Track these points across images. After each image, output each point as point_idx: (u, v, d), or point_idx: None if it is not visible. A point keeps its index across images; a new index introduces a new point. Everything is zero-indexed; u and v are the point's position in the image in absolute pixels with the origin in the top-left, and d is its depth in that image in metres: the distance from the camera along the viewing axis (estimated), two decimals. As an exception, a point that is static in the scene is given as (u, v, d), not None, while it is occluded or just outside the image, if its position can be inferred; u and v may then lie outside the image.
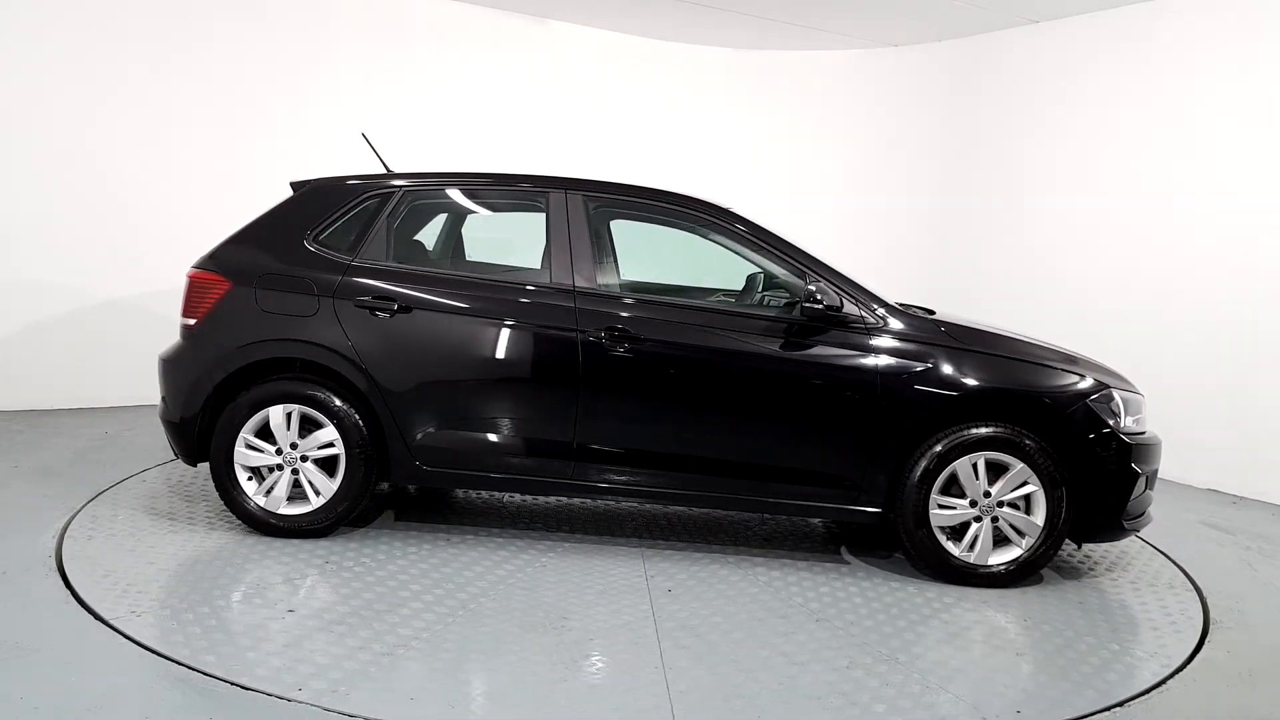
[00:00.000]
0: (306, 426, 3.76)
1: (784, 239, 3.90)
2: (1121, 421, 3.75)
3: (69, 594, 3.18)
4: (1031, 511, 3.72)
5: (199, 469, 4.51)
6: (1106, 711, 2.81)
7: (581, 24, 7.67)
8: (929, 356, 3.72)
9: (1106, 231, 6.28)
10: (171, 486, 4.47)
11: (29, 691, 2.52)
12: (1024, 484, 3.69)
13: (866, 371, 3.69)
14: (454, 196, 4.28)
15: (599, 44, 7.81)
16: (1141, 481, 3.75)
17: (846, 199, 7.97)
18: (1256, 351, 5.53)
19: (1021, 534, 3.73)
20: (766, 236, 3.88)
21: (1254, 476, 5.61)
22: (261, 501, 3.77)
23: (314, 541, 3.78)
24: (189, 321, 3.86)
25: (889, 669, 3.01)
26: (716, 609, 3.40)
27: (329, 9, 6.74)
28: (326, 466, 3.77)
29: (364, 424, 3.74)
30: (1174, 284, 5.90)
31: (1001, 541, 3.75)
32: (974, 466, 3.68)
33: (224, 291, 3.80)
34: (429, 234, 4.46)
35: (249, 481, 3.78)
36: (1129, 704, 2.86)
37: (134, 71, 6.08)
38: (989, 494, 3.70)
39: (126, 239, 6.15)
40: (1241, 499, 5.60)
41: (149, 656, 2.78)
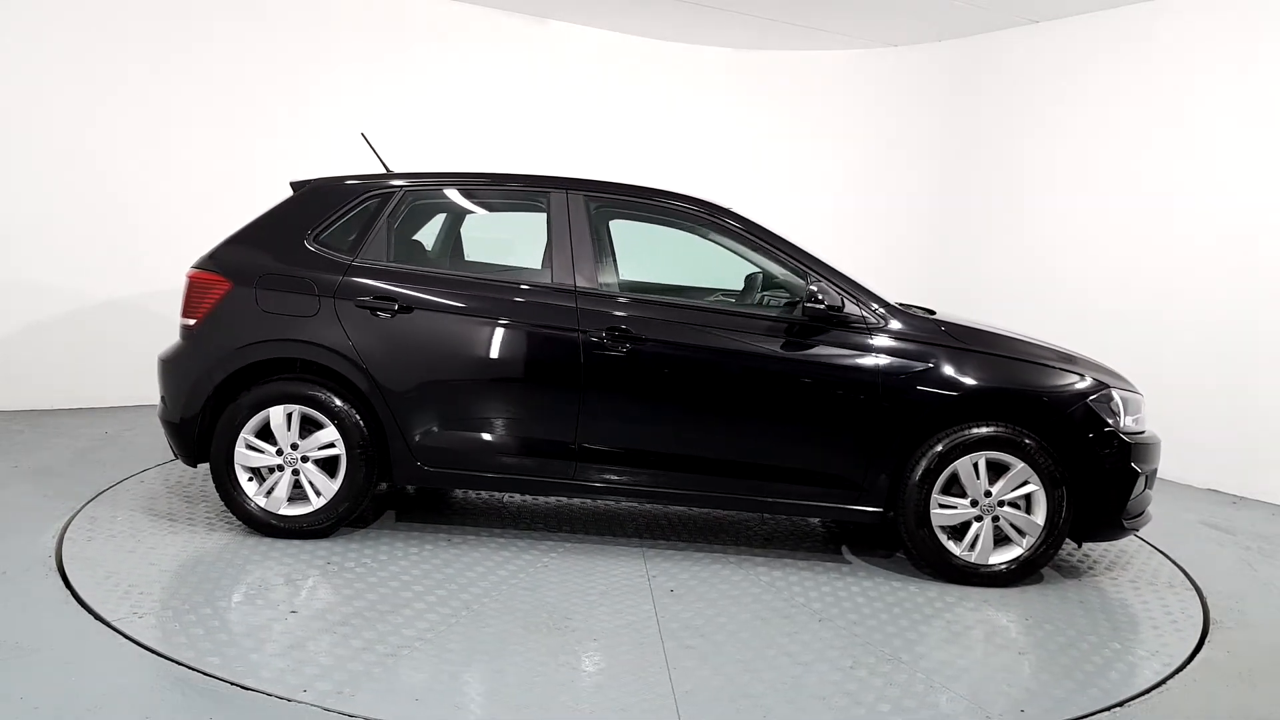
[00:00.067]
0: (307, 427, 3.75)
1: (785, 239, 3.90)
2: (1121, 421, 3.76)
3: (69, 594, 3.18)
4: (1032, 511, 3.72)
5: (198, 469, 4.51)
6: (1107, 711, 2.81)
7: (581, 24, 7.67)
8: (930, 356, 3.72)
9: (1106, 231, 6.28)
10: (171, 487, 4.46)
11: (29, 691, 2.52)
12: (1024, 483, 3.69)
13: (868, 371, 3.70)
14: (455, 196, 4.27)
15: (599, 44, 7.81)
16: (1141, 481, 3.76)
17: (846, 199, 7.97)
18: (1256, 351, 5.54)
19: (1022, 533, 3.74)
20: (767, 236, 3.89)
21: (1254, 476, 5.61)
22: (262, 502, 3.77)
23: (315, 542, 3.78)
24: (189, 322, 3.85)
25: (893, 668, 3.01)
26: (720, 609, 3.40)
27: (329, 9, 6.74)
28: (327, 467, 3.77)
29: (365, 424, 3.73)
30: (1174, 284, 5.90)
31: (1002, 541, 3.76)
32: (975, 466, 3.69)
33: (224, 292, 3.79)
34: (429, 234, 4.46)
35: (249, 482, 3.77)
36: (1129, 704, 2.86)
37: (134, 71, 6.08)
38: (990, 493, 3.70)
39: (126, 239, 6.15)
40: (1241, 499, 5.60)
41: (149, 656, 2.78)
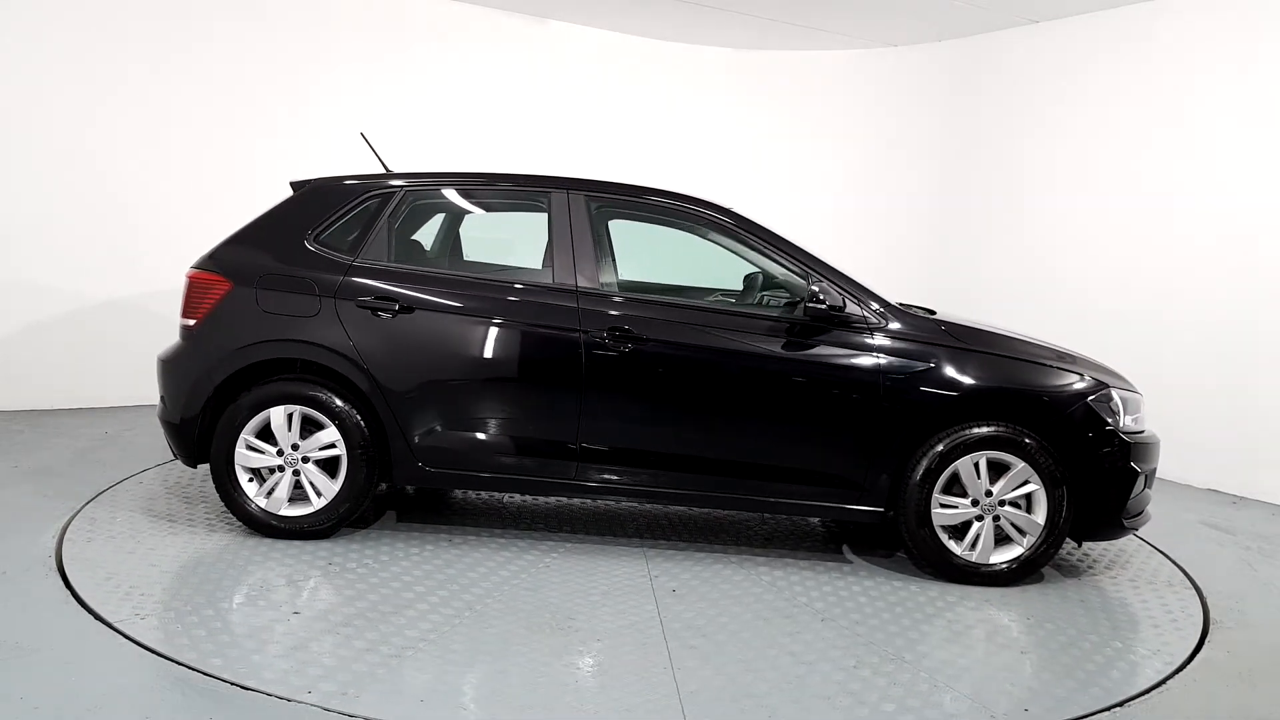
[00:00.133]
0: (307, 427, 3.74)
1: (785, 239, 3.90)
2: (1121, 420, 3.76)
3: (69, 594, 3.17)
4: (1032, 510, 3.73)
5: (198, 470, 4.51)
6: (1106, 711, 2.81)
7: (581, 24, 7.67)
8: (930, 356, 3.72)
9: (1106, 231, 6.28)
10: (170, 487, 4.46)
11: (29, 691, 2.52)
12: (1025, 483, 3.69)
13: (869, 371, 3.70)
14: (455, 197, 4.27)
15: (599, 44, 7.81)
16: (1141, 480, 3.77)
17: (846, 199, 7.97)
18: (1256, 351, 5.54)
19: (1023, 532, 3.74)
20: (768, 236, 3.89)
21: (1254, 476, 5.61)
22: (263, 503, 3.76)
23: (316, 543, 3.77)
24: (189, 322, 3.84)
25: (896, 668, 3.02)
26: (722, 609, 3.40)
27: (329, 9, 6.73)
28: (328, 467, 3.76)
29: (365, 425, 3.73)
30: (1174, 284, 5.90)
31: (1003, 540, 3.76)
32: (976, 466, 3.69)
33: (224, 292, 3.78)
34: (430, 234, 4.46)
35: (250, 483, 3.76)
36: (1129, 704, 2.86)
37: (134, 71, 6.07)
38: (991, 493, 3.70)
39: (126, 239, 6.15)
40: (1241, 499, 5.61)
41: (149, 656, 2.77)
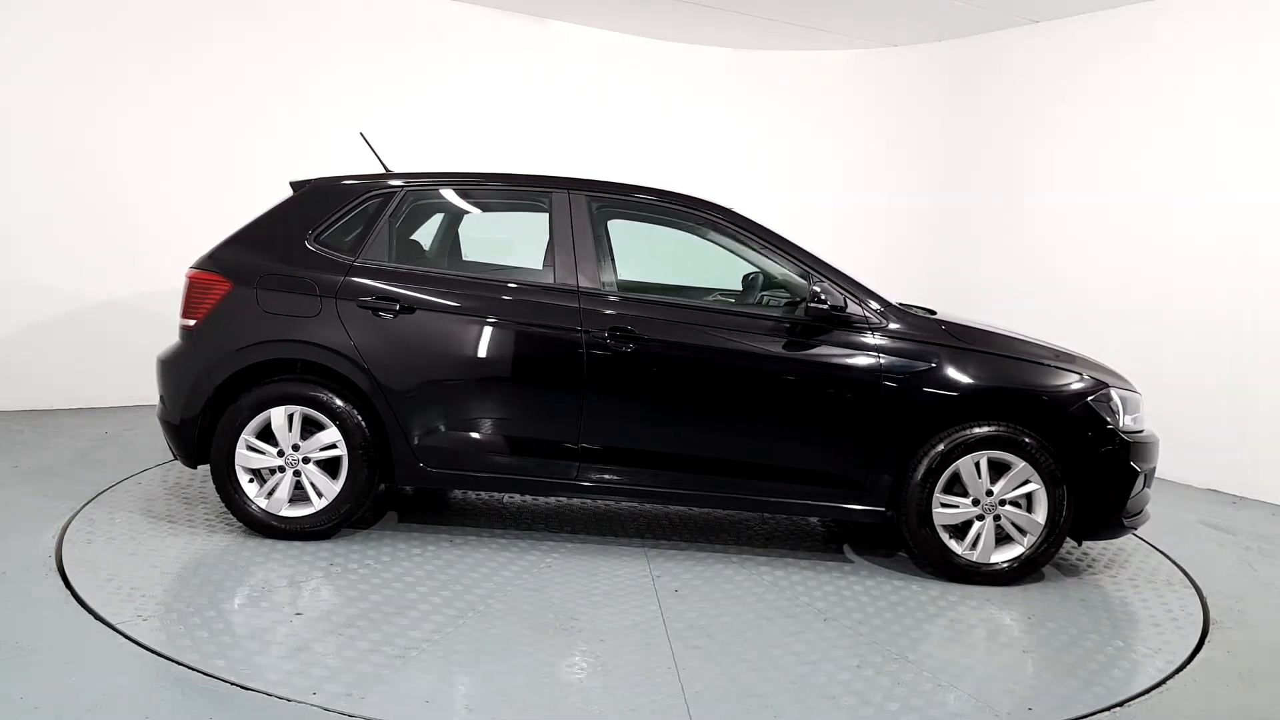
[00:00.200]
0: (308, 428, 3.74)
1: (786, 239, 3.90)
2: (1120, 420, 3.77)
3: (69, 594, 3.17)
4: (1033, 510, 3.73)
5: (198, 470, 4.49)
6: (1107, 711, 2.81)
7: (581, 24, 7.67)
8: (931, 356, 3.73)
9: (1106, 231, 6.28)
10: (170, 488, 4.46)
11: (29, 691, 2.51)
12: (1026, 482, 3.70)
13: (870, 371, 3.70)
14: (456, 197, 4.27)
15: (599, 44, 7.81)
16: (1140, 479, 3.77)
17: (846, 199, 7.97)
18: (1256, 351, 5.54)
19: (1023, 532, 3.75)
20: (769, 236, 3.89)
21: (1254, 476, 5.62)
22: (263, 504, 3.75)
23: (317, 544, 3.77)
24: (189, 322, 3.83)
25: (899, 667, 3.02)
26: (724, 609, 3.40)
27: (329, 9, 6.73)
28: (329, 468, 3.76)
29: (366, 425, 3.72)
30: (1174, 284, 5.91)
31: (1003, 539, 3.76)
32: (976, 465, 3.69)
33: (225, 292, 3.77)
34: (431, 234, 4.45)
35: (250, 483, 3.76)
36: (1129, 704, 2.87)
37: (134, 71, 6.07)
38: (991, 492, 3.71)
39: (126, 239, 6.14)
40: (1241, 499, 5.61)
41: (148, 656, 2.77)
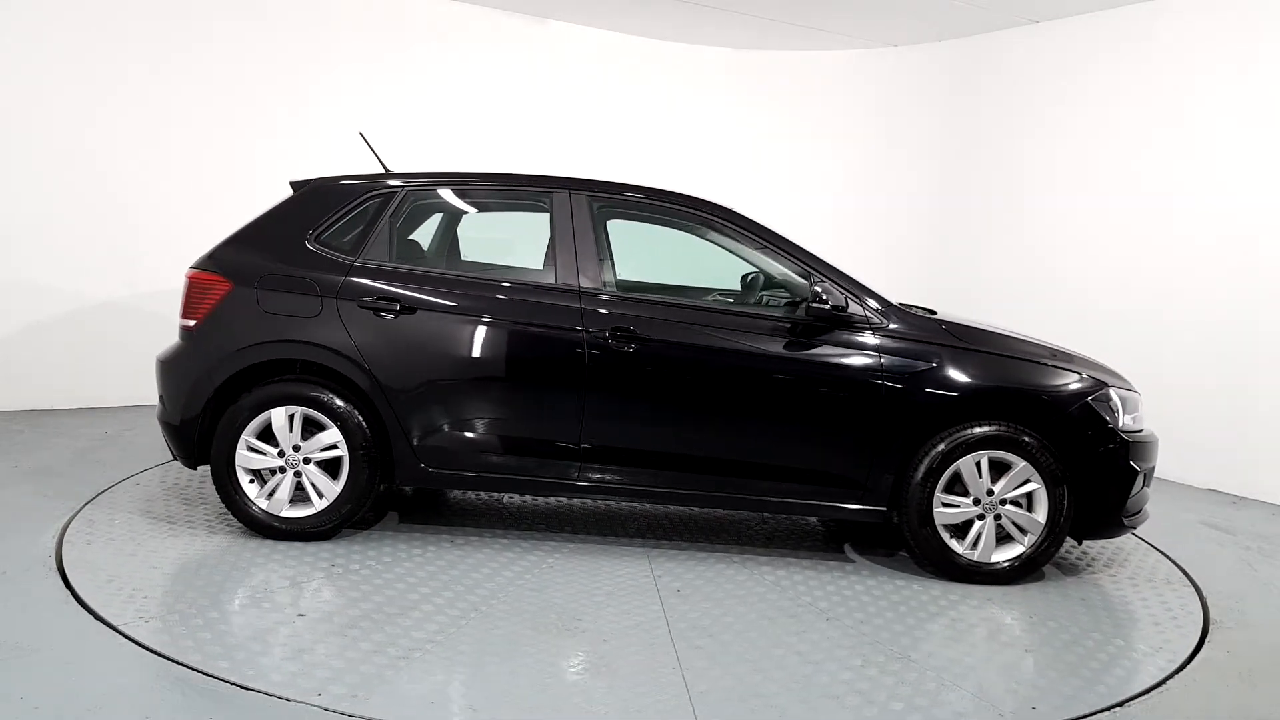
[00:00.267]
0: (309, 429, 3.73)
1: (787, 239, 3.90)
2: (1120, 419, 3.77)
3: (69, 594, 3.16)
4: (1034, 509, 3.73)
5: (198, 469, 4.48)
6: (1107, 711, 2.81)
7: (581, 24, 7.67)
8: (932, 356, 3.73)
9: (1106, 231, 6.29)
10: (170, 488, 4.45)
11: (29, 691, 2.51)
12: (1026, 481, 3.70)
13: (871, 371, 3.70)
14: (457, 197, 4.27)
15: (599, 44, 7.81)
16: (1140, 479, 3.78)
17: (846, 199, 7.97)
18: (1256, 351, 5.54)
19: (1024, 531, 3.75)
20: (770, 236, 3.89)
21: (1254, 476, 5.62)
22: (264, 504, 3.75)
23: (318, 544, 3.76)
24: (188, 323, 3.82)
25: (903, 667, 3.02)
26: (727, 609, 3.40)
27: (329, 9, 6.73)
28: (330, 469, 3.75)
29: (367, 425, 3.72)
30: (1174, 284, 5.91)
31: (1004, 539, 3.77)
32: (977, 465, 3.69)
33: (225, 292, 3.77)
34: (431, 234, 4.45)
35: (251, 484, 3.75)
36: (1129, 704, 2.87)
37: (134, 71, 6.06)
38: (992, 492, 3.71)
39: (126, 239, 6.14)
40: (1241, 499, 5.61)
41: (148, 656, 2.76)
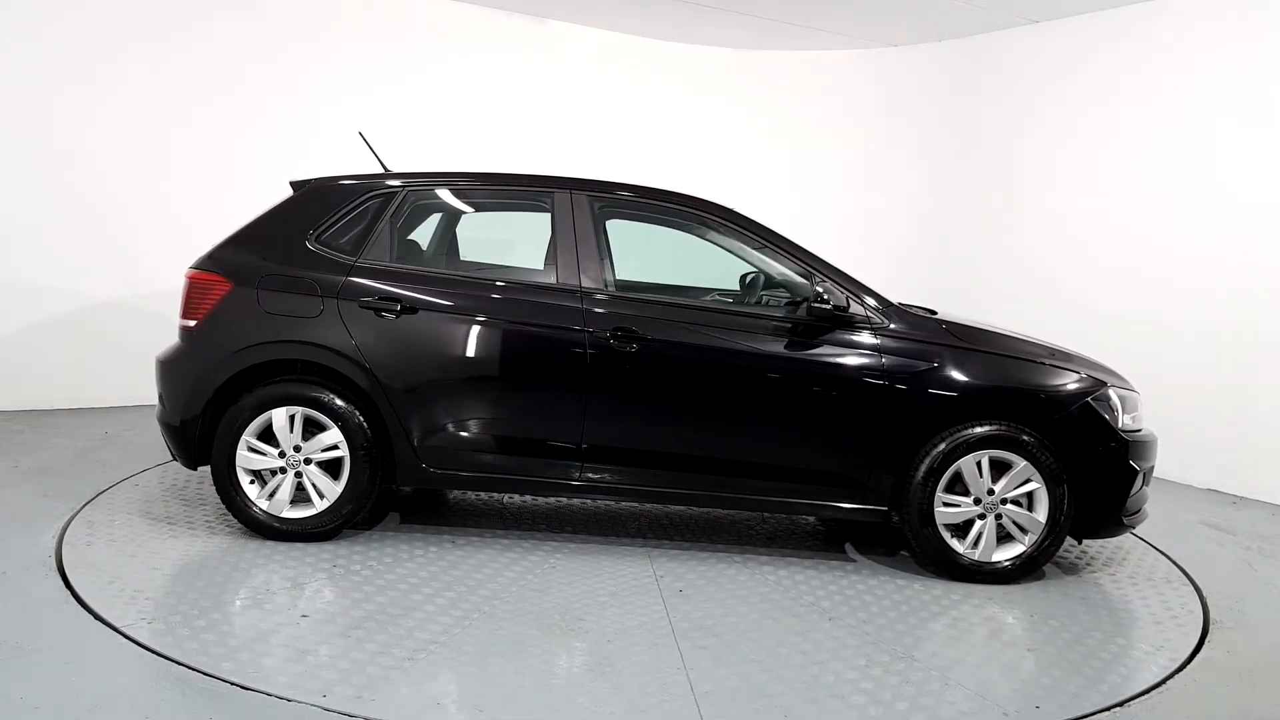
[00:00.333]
0: (309, 429, 3.73)
1: (788, 239, 3.90)
2: (1119, 419, 3.78)
3: (69, 594, 3.16)
4: (1034, 508, 3.74)
5: (198, 470, 4.48)
6: (1107, 711, 2.81)
7: (581, 24, 7.67)
8: (933, 356, 3.73)
9: (1106, 231, 6.29)
10: (170, 489, 4.44)
11: (29, 691, 2.51)
12: (1026, 481, 3.70)
13: (872, 371, 3.70)
14: (457, 197, 4.26)
15: (599, 44, 7.81)
16: (1139, 478, 3.78)
17: (846, 199, 7.97)
18: (1256, 351, 5.55)
19: (1025, 530, 3.75)
20: (770, 237, 3.89)
21: (1254, 476, 5.62)
22: (265, 505, 3.74)
23: (319, 545, 3.75)
24: (189, 323, 3.81)
25: (907, 666, 3.02)
26: (729, 609, 3.40)
27: (329, 9, 6.73)
28: (330, 469, 3.75)
29: (368, 426, 3.72)
30: (1174, 284, 5.91)
31: (1005, 538, 3.77)
32: (978, 464, 3.70)
33: (225, 292, 3.76)
34: (431, 234, 4.45)
35: (251, 485, 3.75)
36: (1129, 704, 2.87)
37: (134, 71, 6.06)
38: (993, 491, 3.71)
39: (126, 239, 6.14)
40: (1241, 499, 5.61)
41: (148, 656, 2.76)
